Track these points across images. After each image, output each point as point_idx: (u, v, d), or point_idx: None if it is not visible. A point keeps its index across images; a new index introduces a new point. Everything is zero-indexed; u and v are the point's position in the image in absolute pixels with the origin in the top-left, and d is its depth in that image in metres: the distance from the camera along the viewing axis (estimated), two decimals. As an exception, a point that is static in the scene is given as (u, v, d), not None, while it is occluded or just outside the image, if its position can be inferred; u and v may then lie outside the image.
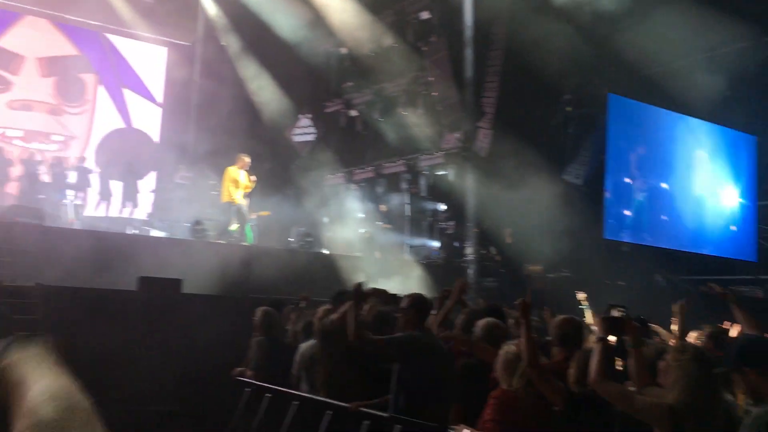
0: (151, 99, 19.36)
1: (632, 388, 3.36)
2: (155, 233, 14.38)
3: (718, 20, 14.26)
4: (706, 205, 17.02)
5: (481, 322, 4.44)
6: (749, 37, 15.29)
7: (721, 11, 14.25)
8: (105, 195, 16.36)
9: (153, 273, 9.02)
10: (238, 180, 12.76)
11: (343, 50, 18.34)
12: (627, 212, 15.70)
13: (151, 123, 19.22)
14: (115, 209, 16.39)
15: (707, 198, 17.05)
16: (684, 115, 16.67)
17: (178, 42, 19.48)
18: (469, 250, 14.83)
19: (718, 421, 2.77)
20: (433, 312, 5.08)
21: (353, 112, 18.65)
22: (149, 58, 19.40)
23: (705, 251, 17.10)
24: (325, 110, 19.44)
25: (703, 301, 6.18)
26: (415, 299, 4.88)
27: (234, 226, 12.92)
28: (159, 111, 19.41)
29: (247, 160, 12.97)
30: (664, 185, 16.31)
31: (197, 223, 13.00)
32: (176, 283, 8.95)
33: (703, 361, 2.96)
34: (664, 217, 16.23)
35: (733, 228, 17.47)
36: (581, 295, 7.59)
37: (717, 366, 3.05)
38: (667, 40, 14.45)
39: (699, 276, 18.55)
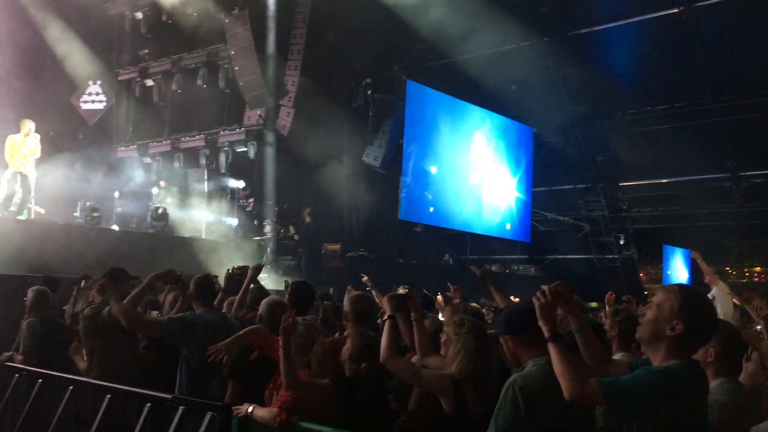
0: None
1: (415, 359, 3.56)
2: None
3: (505, 19, 15.43)
4: (489, 191, 18.42)
5: (265, 300, 4.46)
6: (531, 37, 16.71)
7: (508, 11, 15.44)
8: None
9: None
10: (20, 149, 11.47)
11: (139, 15, 17.32)
12: (421, 195, 16.51)
13: None
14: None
15: (491, 184, 18.46)
16: (473, 105, 17.85)
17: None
18: (268, 229, 14.78)
19: (494, 386, 2.96)
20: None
21: (149, 82, 17.71)
22: None
23: (488, 233, 18.55)
24: (119, 78, 18.26)
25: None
26: (200, 278, 4.84)
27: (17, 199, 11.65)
28: None
29: (31, 125, 11.68)
30: (453, 171, 17.37)
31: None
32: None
33: (480, 334, 3.17)
34: (452, 202, 17.30)
35: (508, 225, 19.10)
36: (365, 278, 7.89)
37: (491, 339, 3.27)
38: (461, 33, 15.35)
39: (483, 255, 20.22)
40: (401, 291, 3.76)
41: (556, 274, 18.03)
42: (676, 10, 15.37)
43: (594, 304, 6.77)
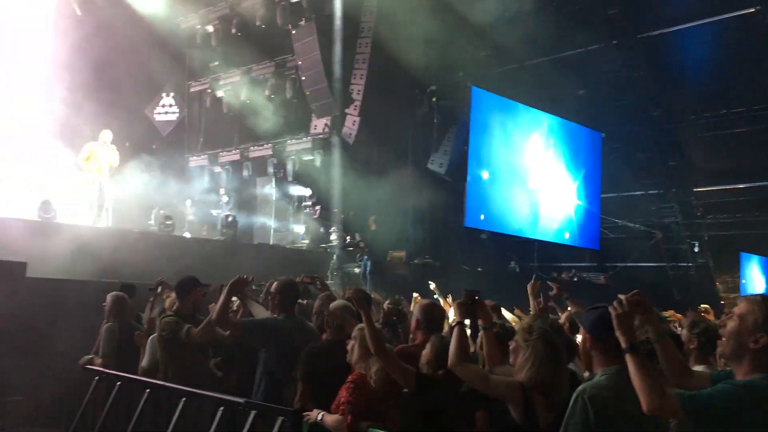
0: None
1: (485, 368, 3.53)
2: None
3: (571, 23, 15.19)
4: (556, 198, 18.11)
5: (335, 304, 4.52)
6: (599, 40, 16.39)
7: (574, 15, 15.19)
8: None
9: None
10: (98, 157, 12.05)
11: (210, 29, 17.81)
12: (486, 202, 16.38)
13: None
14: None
15: (558, 191, 18.15)
16: (539, 111, 17.63)
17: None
18: (334, 236, 14.93)
19: (563, 393, 2.96)
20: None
21: (219, 93, 18.19)
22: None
23: (555, 240, 18.23)
24: (190, 90, 18.82)
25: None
26: (283, 284, 4.90)
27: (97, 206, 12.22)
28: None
29: (108, 136, 12.27)
30: (520, 178, 17.17)
31: (45, 203, 12.17)
32: (20, 266, 8.37)
33: (549, 341, 3.14)
34: (519, 208, 17.10)
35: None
36: (432, 285, 7.88)
37: (563, 346, 3.25)
38: (527, 38, 15.18)
39: (549, 263, 19.88)
40: (470, 299, 3.72)
41: (627, 283, 17.58)
42: (753, 10, 14.82)
43: (668, 314, 6.58)
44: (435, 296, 7.40)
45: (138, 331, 6.24)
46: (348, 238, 15.39)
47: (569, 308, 4.72)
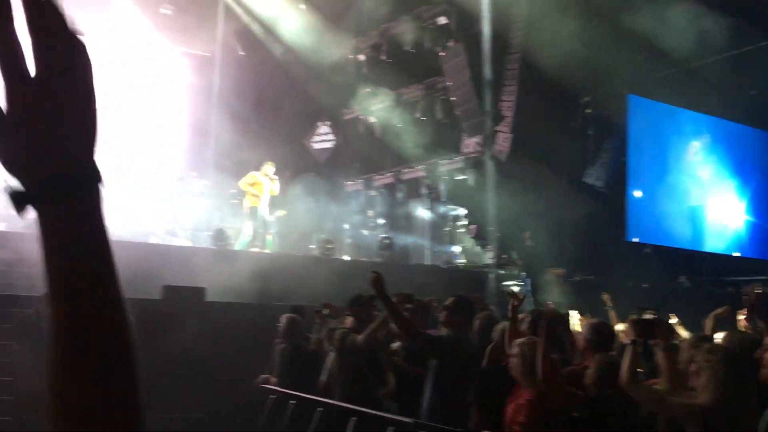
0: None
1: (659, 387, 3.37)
2: (178, 243, 14.50)
3: (737, 20, 14.15)
4: (725, 206, 16.85)
5: (500, 326, 4.47)
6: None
7: (740, 11, 14.14)
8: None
9: (177, 282, 9.12)
10: (261, 186, 12.95)
11: (362, 57, 18.41)
12: (649, 214, 15.58)
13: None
14: (137, 218, 16.53)
15: (727, 199, 16.88)
16: (704, 114, 16.53)
17: (197, 53, 19.65)
18: (490, 254, 14.77)
19: (749, 419, 2.81)
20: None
21: (372, 119, 18.70)
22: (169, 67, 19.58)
23: (726, 251, 16.93)
24: (344, 117, 19.52)
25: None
26: (459, 301, 4.90)
27: (253, 234, 13.04)
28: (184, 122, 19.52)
29: (271, 167, 13.18)
30: (684, 187, 16.17)
31: (219, 232, 13.12)
32: (200, 291, 9.02)
33: (734, 362, 2.97)
34: (685, 219, 16.09)
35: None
36: (605, 296, 7.61)
37: (748, 366, 3.03)
38: (688, 39, 14.34)
39: (723, 276, 18.41)
40: (647, 316, 3.55)
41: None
42: None
43: None
44: (606, 308, 7.20)
45: (307, 351, 6.49)
46: (504, 255, 15.18)
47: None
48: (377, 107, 18.55)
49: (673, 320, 5.15)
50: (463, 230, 16.39)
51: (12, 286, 8.74)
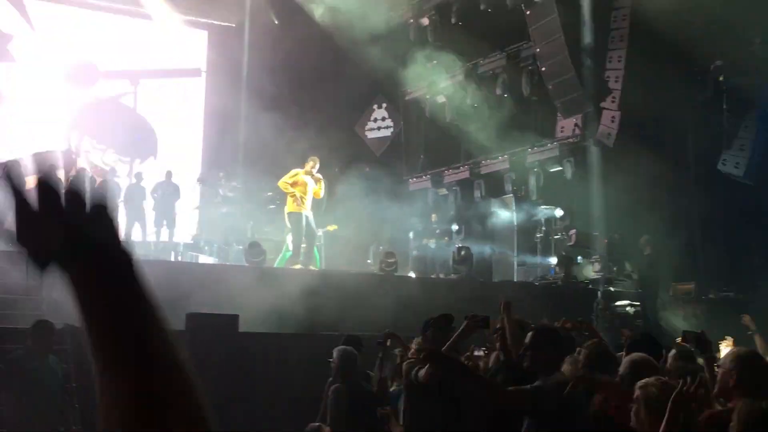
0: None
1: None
2: (204, 259, 14.79)
3: None
4: None
5: (627, 359, 4.35)
6: None
7: None
8: (138, 214, 16.86)
9: (203, 308, 9.26)
10: (305, 186, 13.04)
11: (425, 21, 18.42)
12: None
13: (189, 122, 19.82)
14: (152, 231, 16.93)
15: None
16: None
17: (220, 23, 20.02)
18: (597, 267, 14.57)
19: None
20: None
21: (440, 98, 18.67)
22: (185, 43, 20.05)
23: None
24: (405, 97, 19.56)
25: None
26: (549, 334, 4.80)
27: (295, 247, 13.17)
28: (200, 110, 19.95)
29: (316, 162, 13.28)
30: None
31: (253, 245, 13.29)
32: (232, 320, 9.13)
33: None
34: None
35: None
36: (746, 319, 7.42)
37: None
38: None
39: None
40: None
41: None
42: None
43: None
44: (749, 332, 7.04)
45: (367, 392, 6.51)
46: (615, 268, 14.95)
47: None
48: (446, 84, 18.51)
49: None
50: (559, 236, 16.21)
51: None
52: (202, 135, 19.73)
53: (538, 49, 15.74)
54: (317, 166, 13.36)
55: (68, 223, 1.00)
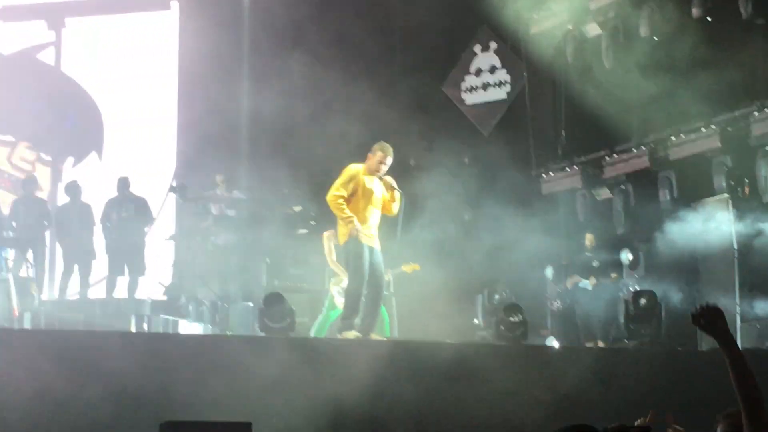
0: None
1: None
2: (187, 327, 14.77)
3: None
4: None
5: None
6: None
7: None
8: (76, 255, 16.96)
9: (190, 413, 9.21)
10: (370, 197, 12.57)
11: None
12: None
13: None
14: (100, 282, 17.05)
15: None
16: None
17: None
18: None
19: None
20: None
21: (592, 29, 18.47)
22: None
23: None
24: (531, 31, 19.42)
25: None
26: None
27: (350, 301, 12.98)
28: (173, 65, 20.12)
29: (387, 154, 12.64)
30: None
31: (273, 300, 13.12)
32: (245, 428, 9.05)
33: None
34: None
35: None
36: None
37: None
38: None
39: None
40: None
41: None
42: None
43: None
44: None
45: None
46: None
47: None
48: (602, 3, 18.31)
49: None
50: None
51: None
52: (177, 109, 19.76)
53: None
54: (389, 159, 12.87)
55: None
